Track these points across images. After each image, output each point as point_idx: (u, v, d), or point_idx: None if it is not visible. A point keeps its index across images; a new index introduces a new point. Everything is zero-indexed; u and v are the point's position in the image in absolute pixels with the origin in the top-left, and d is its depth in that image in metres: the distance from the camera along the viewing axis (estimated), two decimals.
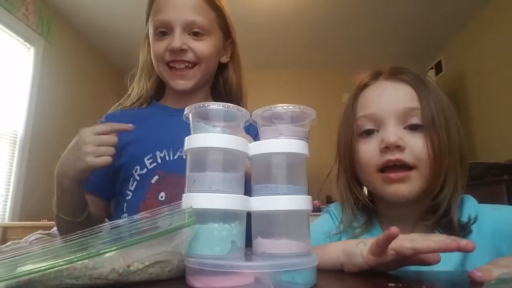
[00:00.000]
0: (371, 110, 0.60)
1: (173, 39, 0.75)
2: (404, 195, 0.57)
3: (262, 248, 0.43)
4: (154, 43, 0.78)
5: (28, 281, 0.35)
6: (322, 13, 3.05)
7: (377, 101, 0.61)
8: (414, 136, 0.57)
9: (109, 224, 0.41)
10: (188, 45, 0.76)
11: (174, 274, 0.43)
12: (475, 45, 3.09)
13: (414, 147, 0.56)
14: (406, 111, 0.57)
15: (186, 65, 0.77)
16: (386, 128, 0.58)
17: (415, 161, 0.56)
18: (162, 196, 0.72)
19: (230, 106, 0.46)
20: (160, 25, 0.76)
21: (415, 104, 0.58)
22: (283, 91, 4.04)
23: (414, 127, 0.57)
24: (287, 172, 0.45)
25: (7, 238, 2.21)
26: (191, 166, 0.45)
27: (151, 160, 0.75)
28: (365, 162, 0.62)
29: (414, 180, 0.57)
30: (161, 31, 0.76)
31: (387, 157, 0.57)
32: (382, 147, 0.58)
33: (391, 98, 0.60)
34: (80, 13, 3.06)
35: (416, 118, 0.57)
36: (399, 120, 0.58)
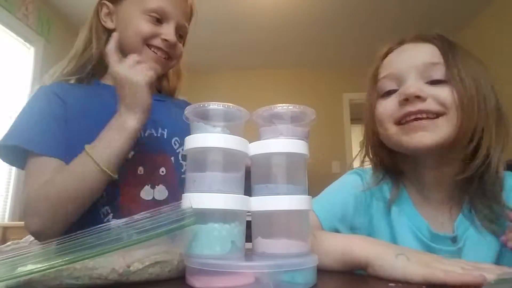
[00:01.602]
0: (390, 70, 0.59)
1: (169, 32, 0.77)
2: (426, 144, 0.54)
3: (262, 248, 0.43)
4: (143, 22, 0.75)
5: (28, 281, 0.35)
6: (322, 13, 3.05)
7: (396, 60, 0.60)
8: (438, 88, 0.55)
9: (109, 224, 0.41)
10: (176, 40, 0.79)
11: (174, 274, 0.43)
12: (475, 45, 3.09)
13: (437, 95, 0.54)
14: (427, 66, 0.56)
15: (166, 57, 0.79)
16: (406, 83, 0.56)
17: (441, 107, 0.54)
18: (140, 171, 0.73)
19: (230, 106, 0.46)
20: (158, 10, 0.76)
21: (437, 59, 0.56)
22: (283, 91, 4.04)
23: (437, 82, 0.55)
24: (287, 172, 0.45)
25: (7, 238, 2.21)
26: (191, 166, 0.45)
27: None
28: (380, 117, 0.60)
29: (439, 128, 0.53)
30: (156, 17, 0.76)
31: (407, 108, 0.55)
32: (402, 99, 0.56)
33: (411, 55, 0.59)
34: (80, 13, 3.06)
35: (439, 72, 0.55)
36: (421, 75, 0.56)
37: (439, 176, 0.59)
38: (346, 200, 0.65)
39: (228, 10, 2.94)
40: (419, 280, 0.40)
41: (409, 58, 0.59)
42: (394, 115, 0.58)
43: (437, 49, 0.57)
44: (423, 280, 0.40)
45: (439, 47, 0.57)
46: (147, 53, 0.77)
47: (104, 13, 0.80)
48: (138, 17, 0.77)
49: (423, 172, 0.61)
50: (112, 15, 0.80)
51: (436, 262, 0.42)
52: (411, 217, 0.60)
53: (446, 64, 0.55)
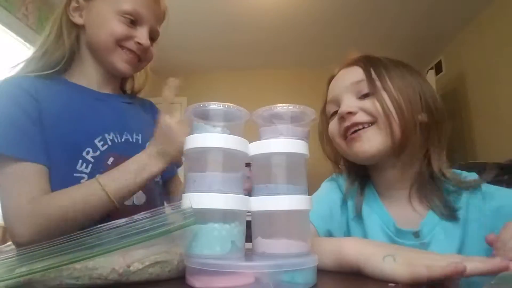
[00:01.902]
0: (331, 95, 0.71)
1: (143, 35, 0.77)
2: (364, 151, 0.63)
3: (262, 248, 0.43)
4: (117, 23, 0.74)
5: (28, 281, 0.35)
6: (322, 13, 3.05)
7: (333, 86, 0.71)
8: (365, 101, 0.64)
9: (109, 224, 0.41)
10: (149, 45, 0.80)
11: (174, 274, 0.43)
12: (475, 45, 3.09)
13: (365, 108, 0.63)
14: (354, 85, 0.65)
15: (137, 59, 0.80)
16: (341, 103, 0.66)
17: (370, 117, 0.63)
18: None
19: (230, 106, 0.46)
20: (132, 13, 0.75)
21: (360, 77, 0.65)
22: (283, 91, 4.03)
23: (366, 95, 0.64)
24: (287, 172, 0.45)
25: (7, 238, 2.21)
26: (191, 166, 0.45)
27: (102, 142, 0.73)
28: (331, 135, 0.71)
29: (372, 136, 0.62)
30: (131, 19, 0.75)
31: (344, 124, 0.65)
32: (338, 118, 0.67)
33: (342, 79, 0.69)
34: None
35: (364, 88, 0.64)
36: (352, 93, 0.66)
37: (396, 176, 0.67)
38: (330, 204, 0.72)
39: (228, 10, 2.94)
40: (407, 280, 0.41)
41: (341, 82, 0.69)
42: (339, 131, 0.68)
43: (360, 69, 0.67)
44: (411, 280, 0.40)
45: (362, 66, 0.67)
46: (119, 54, 0.76)
47: (72, 7, 0.77)
48: (112, 17, 0.75)
49: (384, 174, 0.68)
50: (81, 10, 0.77)
51: (422, 259, 0.43)
52: (380, 215, 0.66)
53: (367, 79, 0.64)
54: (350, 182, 0.73)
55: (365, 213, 0.68)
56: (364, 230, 0.67)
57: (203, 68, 3.88)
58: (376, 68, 0.66)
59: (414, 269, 0.41)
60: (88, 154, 0.71)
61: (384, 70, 0.65)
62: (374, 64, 0.67)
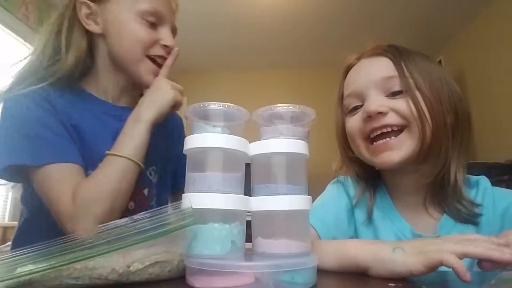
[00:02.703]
0: (352, 88, 0.62)
1: (168, 36, 0.72)
2: (394, 162, 0.57)
3: (262, 248, 0.43)
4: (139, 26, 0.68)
5: (28, 281, 0.35)
6: (322, 13, 3.05)
7: (356, 78, 0.63)
8: (397, 100, 0.58)
9: (109, 224, 0.41)
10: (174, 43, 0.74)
11: (174, 274, 0.43)
12: (475, 45, 3.09)
13: (397, 108, 0.57)
14: (384, 80, 0.58)
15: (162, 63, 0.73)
16: (367, 99, 0.59)
17: (402, 120, 0.57)
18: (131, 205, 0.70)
19: (230, 106, 0.46)
20: (153, 13, 0.69)
21: (392, 72, 0.58)
22: (283, 91, 4.03)
23: (396, 93, 0.58)
24: (287, 172, 0.45)
25: (7, 238, 2.21)
26: (191, 166, 0.45)
27: None
28: (351, 133, 0.64)
29: (404, 144, 0.57)
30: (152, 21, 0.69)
31: (372, 125, 0.58)
32: (365, 117, 0.59)
33: (368, 72, 0.61)
34: None
35: (396, 85, 0.58)
36: (380, 90, 0.59)
37: (414, 181, 0.62)
38: (336, 208, 0.68)
39: (228, 10, 2.94)
40: (421, 268, 0.40)
41: (366, 74, 0.61)
42: (362, 131, 0.61)
43: (390, 62, 0.60)
44: (425, 267, 0.40)
45: (392, 59, 0.60)
46: (146, 65, 0.70)
47: (84, 13, 0.68)
48: (132, 21, 0.67)
49: (400, 178, 0.63)
50: (95, 16, 0.69)
51: (430, 245, 0.42)
52: (394, 221, 0.63)
53: (400, 76, 0.57)
54: (360, 186, 0.68)
55: (377, 217, 0.64)
56: (376, 235, 0.63)
57: (203, 68, 3.87)
58: (407, 62, 0.59)
59: (426, 256, 0.40)
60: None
61: (414, 64, 0.59)
62: (404, 57, 0.60)
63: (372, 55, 0.64)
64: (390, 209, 0.64)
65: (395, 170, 0.62)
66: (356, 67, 0.65)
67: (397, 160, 0.57)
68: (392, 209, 0.64)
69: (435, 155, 0.58)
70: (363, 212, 0.66)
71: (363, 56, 0.66)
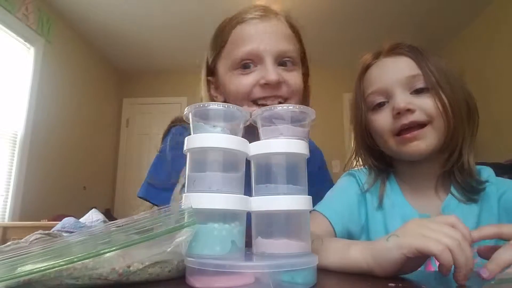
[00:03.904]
0: (378, 86, 0.66)
1: (267, 71, 0.64)
2: (421, 151, 0.62)
3: (262, 248, 0.43)
4: (236, 78, 0.67)
5: (28, 281, 0.35)
6: (322, 13, 3.05)
7: (381, 76, 0.66)
8: (421, 98, 0.62)
9: (110, 225, 0.41)
10: (283, 77, 0.66)
11: (174, 274, 0.43)
12: (476, 44, 3.09)
13: (423, 106, 0.61)
14: (409, 79, 0.63)
15: (279, 101, 0.67)
16: (395, 97, 0.63)
17: (427, 117, 0.62)
18: None
19: (230, 106, 0.46)
20: (246, 56, 0.66)
21: (415, 71, 0.63)
22: None
23: (420, 90, 0.63)
24: (287, 172, 0.45)
25: (7, 238, 2.21)
26: (191, 166, 0.45)
27: None
28: (380, 129, 0.67)
29: (429, 135, 0.62)
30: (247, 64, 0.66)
31: (401, 121, 0.63)
32: (395, 113, 0.63)
33: (393, 71, 0.65)
34: (80, 13, 3.05)
35: (419, 82, 0.63)
36: (405, 87, 0.63)
37: (431, 170, 0.67)
38: (350, 201, 0.71)
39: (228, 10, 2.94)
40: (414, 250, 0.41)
41: (392, 73, 0.65)
42: (391, 128, 0.65)
43: (412, 61, 0.65)
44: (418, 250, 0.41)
45: (414, 59, 0.65)
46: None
47: (213, 89, 0.73)
48: (229, 77, 0.67)
49: (419, 167, 0.67)
50: (218, 86, 0.71)
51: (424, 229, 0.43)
52: (402, 207, 0.67)
53: (424, 74, 0.63)
54: (372, 175, 0.72)
55: (387, 207, 0.69)
56: (385, 222, 0.68)
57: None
58: (427, 61, 0.64)
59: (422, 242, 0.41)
60: None
61: (433, 63, 0.64)
62: (424, 56, 0.65)
63: (393, 54, 0.67)
64: (398, 196, 0.69)
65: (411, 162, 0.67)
66: (378, 65, 0.69)
67: (423, 149, 0.62)
68: (400, 195, 0.68)
69: (453, 145, 0.64)
70: (375, 198, 0.70)
71: (382, 55, 0.69)
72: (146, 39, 3.37)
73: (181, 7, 2.88)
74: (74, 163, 3.21)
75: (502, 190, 0.63)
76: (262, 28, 0.67)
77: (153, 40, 3.48)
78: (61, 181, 3.04)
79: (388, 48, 0.69)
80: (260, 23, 0.67)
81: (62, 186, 3.05)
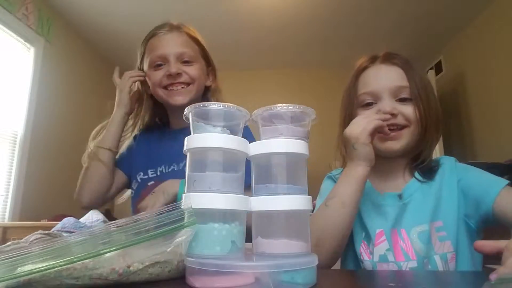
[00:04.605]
0: (370, 88, 0.75)
1: (169, 67, 0.92)
2: (395, 150, 0.72)
3: (262, 248, 0.43)
4: (153, 74, 0.96)
5: (28, 281, 0.35)
6: (322, 13, 3.05)
7: (374, 80, 0.75)
8: (404, 105, 0.73)
9: (110, 225, 0.41)
10: (182, 69, 0.94)
11: (174, 274, 0.43)
12: (475, 45, 3.09)
13: (405, 112, 0.72)
14: (398, 88, 0.73)
15: (182, 86, 0.94)
16: (382, 101, 0.73)
17: (406, 122, 0.72)
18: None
19: (230, 106, 0.46)
20: (156, 58, 0.95)
21: (404, 83, 0.73)
22: (283, 91, 4.03)
23: (404, 99, 0.73)
24: (287, 172, 0.45)
25: (7, 238, 2.21)
26: (191, 166, 0.45)
27: (153, 172, 0.98)
28: None
29: (404, 137, 0.72)
30: (158, 63, 0.95)
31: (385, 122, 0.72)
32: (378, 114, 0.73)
33: (386, 78, 0.74)
34: (80, 13, 3.05)
35: (405, 93, 0.73)
36: (392, 95, 0.73)
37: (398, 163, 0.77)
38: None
39: (228, 10, 2.94)
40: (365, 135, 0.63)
41: (383, 80, 0.74)
42: None
43: (404, 73, 0.74)
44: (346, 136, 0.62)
45: (405, 71, 0.74)
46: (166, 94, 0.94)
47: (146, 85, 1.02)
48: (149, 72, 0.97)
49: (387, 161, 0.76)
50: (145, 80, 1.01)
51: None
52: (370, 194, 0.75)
53: (411, 87, 0.72)
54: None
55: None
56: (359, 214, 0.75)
57: None
58: (414, 74, 0.74)
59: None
60: (139, 176, 0.99)
61: (417, 76, 0.74)
62: (412, 70, 0.75)
63: (389, 63, 0.76)
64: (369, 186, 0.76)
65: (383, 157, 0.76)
66: (373, 70, 0.77)
67: (397, 148, 0.72)
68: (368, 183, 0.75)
69: (422, 147, 0.75)
70: None
71: (377, 61, 0.78)
72: None
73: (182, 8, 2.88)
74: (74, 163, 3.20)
75: (461, 175, 0.72)
76: (167, 38, 0.97)
77: None
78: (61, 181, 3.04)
79: (385, 56, 0.77)
80: (165, 35, 0.97)
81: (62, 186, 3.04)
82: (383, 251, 0.65)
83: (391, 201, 0.72)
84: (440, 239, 0.65)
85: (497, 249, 0.41)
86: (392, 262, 0.64)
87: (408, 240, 0.65)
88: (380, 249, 0.66)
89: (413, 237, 0.65)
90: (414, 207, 0.70)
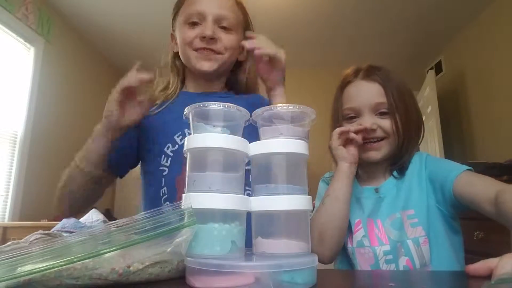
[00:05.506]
0: (352, 104, 0.83)
1: (205, 28, 0.81)
2: (375, 159, 0.81)
3: (262, 248, 0.43)
4: (184, 31, 0.85)
5: (28, 281, 0.35)
6: (321, 12, 3.05)
7: (355, 97, 0.83)
8: (383, 119, 0.80)
9: (110, 225, 0.41)
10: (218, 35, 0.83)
11: (174, 274, 0.43)
12: (475, 45, 3.09)
13: (383, 126, 0.79)
14: (377, 104, 0.80)
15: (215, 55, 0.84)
16: (363, 116, 0.81)
17: (385, 134, 0.80)
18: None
19: (230, 106, 0.46)
20: (193, 14, 0.83)
21: (383, 99, 0.80)
22: None
23: (383, 113, 0.80)
24: (287, 172, 0.45)
25: (7, 238, 2.21)
26: (191, 166, 0.45)
27: (181, 137, 0.83)
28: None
29: (384, 148, 0.80)
30: (193, 21, 0.83)
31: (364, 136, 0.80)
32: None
33: (365, 95, 0.82)
34: (80, 13, 3.05)
35: (383, 108, 0.80)
36: (372, 110, 0.80)
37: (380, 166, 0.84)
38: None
39: None
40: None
41: (363, 97, 0.82)
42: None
43: (382, 89, 0.80)
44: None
45: (384, 87, 0.80)
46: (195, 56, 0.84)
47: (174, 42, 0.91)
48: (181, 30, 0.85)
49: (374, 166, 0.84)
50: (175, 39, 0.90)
51: None
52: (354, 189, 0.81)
53: (388, 102, 0.79)
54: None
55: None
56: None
57: None
58: (392, 89, 0.80)
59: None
60: (168, 149, 0.82)
61: (396, 90, 0.80)
62: (391, 84, 0.81)
63: (368, 79, 0.83)
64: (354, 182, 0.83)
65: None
66: (354, 86, 0.84)
67: (378, 158, 0.80)
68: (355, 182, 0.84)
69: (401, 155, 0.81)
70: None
71: (359, 75, 0.84)
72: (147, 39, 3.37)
73: None
74: None
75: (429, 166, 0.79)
76: None
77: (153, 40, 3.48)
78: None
79: (366, 71, 0.84)
80: None
81: None
82: (360, 237, 0.75)
83: (368, 194, 0.81)
84: (412, 225, 0.72)
85: (490, 269, 0.43)
86: (368, 246, 0.73)
87: (382, 228, 0.74)
88: (358, 235, 0.76)
89: (386, 225, 0.74)
90: (389, 201, 0.78)
